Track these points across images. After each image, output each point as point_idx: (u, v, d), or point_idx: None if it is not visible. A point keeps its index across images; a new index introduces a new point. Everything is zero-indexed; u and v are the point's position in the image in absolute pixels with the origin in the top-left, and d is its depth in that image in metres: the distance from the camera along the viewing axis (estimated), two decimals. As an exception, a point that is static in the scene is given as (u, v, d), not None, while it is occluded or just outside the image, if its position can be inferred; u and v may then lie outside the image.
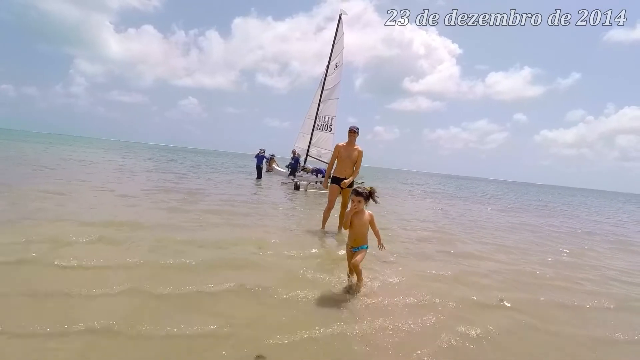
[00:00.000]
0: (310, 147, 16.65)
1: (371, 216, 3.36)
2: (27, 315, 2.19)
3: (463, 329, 2.56)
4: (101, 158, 20.19)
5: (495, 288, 3.67)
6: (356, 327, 2.43)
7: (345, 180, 5.37)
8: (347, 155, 5.32)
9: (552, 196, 34.16)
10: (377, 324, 2.51)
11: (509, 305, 3.18)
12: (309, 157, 16.71)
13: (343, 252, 4.05)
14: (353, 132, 5.36)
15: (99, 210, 5.60)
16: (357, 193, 3.32)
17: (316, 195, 11.40)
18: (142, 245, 3.86)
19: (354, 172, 5.40)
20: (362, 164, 5.45)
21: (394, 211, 9.36)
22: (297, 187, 12.34)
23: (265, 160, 17.72)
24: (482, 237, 6.74)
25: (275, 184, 14.61)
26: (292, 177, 15.95)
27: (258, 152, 17.39)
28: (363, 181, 11.31)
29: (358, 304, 2.86)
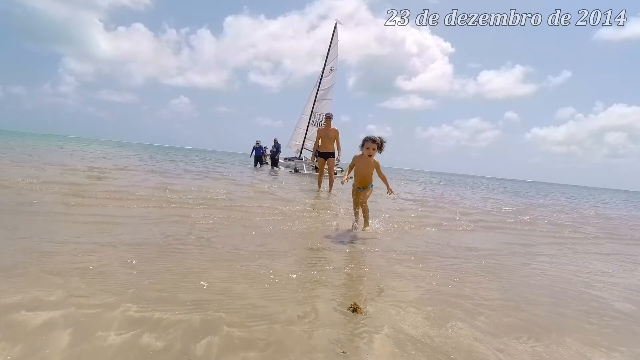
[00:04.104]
0: (305, 140, 19.14)
1: (377, 163, 3.80)
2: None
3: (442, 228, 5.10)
4: (117, 153, 22.37)
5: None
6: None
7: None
8: (326, 135, 7.91)
9: (532, 189, 37.09)
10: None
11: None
12: (304, 149, 19.20)
13: (329, 198, 6.53)
14: (329, 118, 8.00)
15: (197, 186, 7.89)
16: (372, 141, 3.76)
17: (312, 175, 13.94)
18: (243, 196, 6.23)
19: (338, 148, 7.95)
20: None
21: (383, 188, 11.89)
22: (296, 171, 14.85)
23: (262, 151, 20.25)
24: (455, 202, 9.34)
25: (275, 171, 17.08)
26: (275, 167, 18.17)
27: (255, 144, 19.88)
28: (341, 168, 13.76)
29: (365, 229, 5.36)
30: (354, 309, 1.87)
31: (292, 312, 1.80)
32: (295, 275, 2.37)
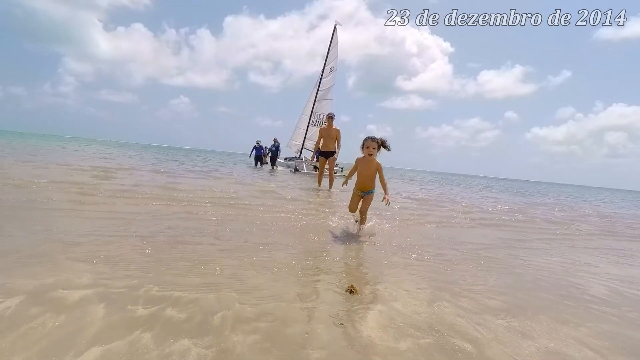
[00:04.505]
0: (306, 140, 19.35)
1: (379, 165, 3.61)
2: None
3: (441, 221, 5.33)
4: (118, 153, 22.60)
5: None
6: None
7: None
8: (328, 135, 8.14)
9: (532, 188, 37.34)
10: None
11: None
12: (304, 149, 19.41)
13: (331, 197, 6.76)
14: (331, 118, 8.22)
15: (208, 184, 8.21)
16: (372, 139, 3.54)
17: (312, 174, 14.16)
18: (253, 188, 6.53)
19: (337, 147, 8.17)
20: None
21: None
22: (296, 170, 15.06)
23: (262, 151, 20.47)
24: (455, 201, 9.57)
25: (274, 170, 17.31)
26: (275, 166, 18.41)
27: (255, 144, 20.10)
28: (342, 168, 13.97)
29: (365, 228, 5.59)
30: (351, 291, 2.09)
31: (295, 293, 2.02)
32: (297, 264, 2.59)
